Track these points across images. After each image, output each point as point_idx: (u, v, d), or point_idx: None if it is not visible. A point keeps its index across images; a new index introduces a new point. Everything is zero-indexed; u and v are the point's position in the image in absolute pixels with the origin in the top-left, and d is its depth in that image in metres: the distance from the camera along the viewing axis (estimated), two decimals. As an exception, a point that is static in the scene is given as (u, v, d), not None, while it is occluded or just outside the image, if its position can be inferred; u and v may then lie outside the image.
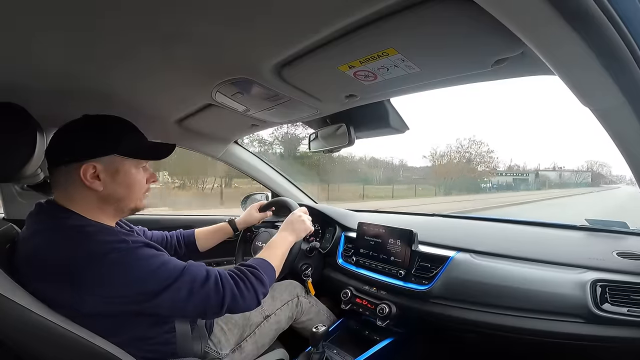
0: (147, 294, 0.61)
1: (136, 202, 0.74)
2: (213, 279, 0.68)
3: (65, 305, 0.59)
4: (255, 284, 0.72)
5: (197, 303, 0.65)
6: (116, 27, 0.56)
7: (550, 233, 1.17)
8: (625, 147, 0.62)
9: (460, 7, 0.48)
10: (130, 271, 0.61)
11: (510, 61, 0.61)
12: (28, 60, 0.66)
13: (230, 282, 0.69)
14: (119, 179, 0.69)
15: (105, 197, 0.69)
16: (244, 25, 0.56)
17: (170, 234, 1.10)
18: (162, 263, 0.64)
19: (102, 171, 0.67)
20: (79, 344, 0.59)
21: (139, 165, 0.73)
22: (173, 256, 1.04)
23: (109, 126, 0.70)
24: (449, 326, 0.98)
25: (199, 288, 0.65)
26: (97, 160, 0.66)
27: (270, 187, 1.62)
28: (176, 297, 0.63)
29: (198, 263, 0.71)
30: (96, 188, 0.66)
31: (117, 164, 0.69)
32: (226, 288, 0.68)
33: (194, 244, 1.11)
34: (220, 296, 0.67)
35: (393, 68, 0.67)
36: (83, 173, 0.65)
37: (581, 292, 0.80)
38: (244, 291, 0.70)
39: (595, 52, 0.43)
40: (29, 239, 0.64)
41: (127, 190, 0.71)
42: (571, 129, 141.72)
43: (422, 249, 1.09)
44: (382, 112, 1.08)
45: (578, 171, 57.51)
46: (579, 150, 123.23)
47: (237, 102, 0.92)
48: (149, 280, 0.62)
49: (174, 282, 0.63)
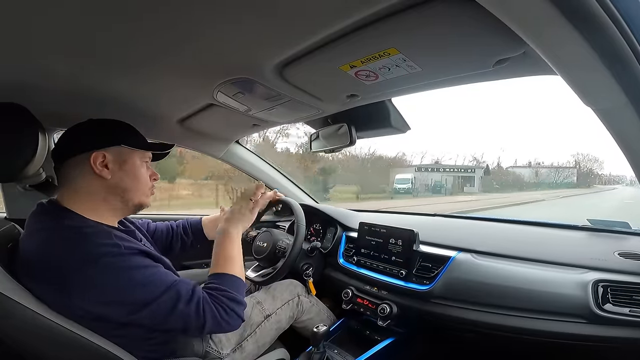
0: (132, 304, 0.62)
1: (141, 197, 0.76)
2: (195, 302, 0.67)
3: (58, 307, 0.60)
4: (233, 306, 0.71)
5: (177, 320, 0.66)
6: (118, 28, 0.56)
7: (551, 233, 1.17)
8: (627, 147, 0.62)
9: (461, 6, 0.47)
10: (120, 279, 0.62)
11: (512, 61, 0.60)
12: (30, 60, 0.67)
13: (213, 308, 0.69)
14: (126, 167, 0.73)
15: (112, 187, 0.72)
16: (246, 25, 0.56)
17: (176, 223, 1.11)
18: (151, 274, 0.65)
19: (111, 160, 0.71)
20: (80, 343, 0.59)
21: (143, 160, 0.77)
22: (180, 244, 1.06)
23: (113, 125, 0.75)
24: (450, 326, 0.98)
25: (183, 306, 0.65)
26: (106, 150, 0.71)
27: (271, 187, 1.63)
28: (158, 310, 0.64)
29: (187, 281, 0.70)
30: (105, 176, 0.70)
31: (124, 154, 0.74)
32: (207, 313, 0.68)
33: (201, 231, 1.11)
34: (201, 321, 0.67)
35: (394, 68, 0.67)
36: (93, 160, 0.69)
37: (583, 293, 0.79)
38: (224, 317, 0.70)
39: (597, 52, 0.43)
40: (28, 239, 0.65)
41: (133, 181, 0.74)
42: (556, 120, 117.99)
43: (423, 249, 1.09)
44: (384, 112, 1.08)
45: (560, 167, 42.56)
46: (566, 144, 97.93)
47: (239, 102, 0.92)
48: (136, 290, 0.62)
49: (159, 297, 0.64)
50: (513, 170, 40.95)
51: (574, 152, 71.83)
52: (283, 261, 1.11)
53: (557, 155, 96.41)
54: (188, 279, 0.72)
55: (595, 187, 42.03)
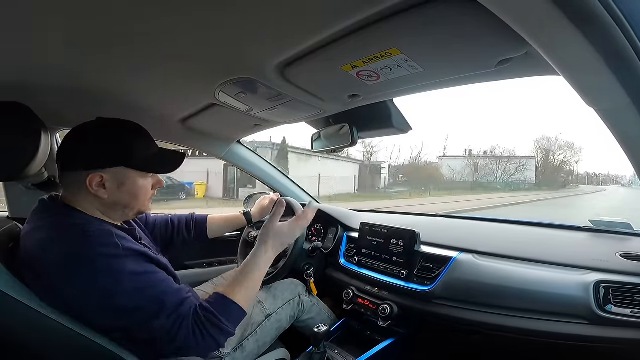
0: (116, 311, 0.61)
1: (140, 207, 0.74)
2: (174, 317, 0.64)
3: (58, 305, 0.60)
4: (213, 333, 0.66)
5: (149, 330, 0.63)
6: (121, 28, 0.56)
7: (553, 234, 1.16)
8: (630, 147, 0.62)
9: (464, 7, 0.47)
10: (110, 282, 0.60)
11: (514, 61, 0.60)
12: (33, 60, 0.67)
13: (190, 329, 0.64)
14: (124, 189, 0.69)
15: (109, 204, 0.69)
16: (248, 25, 0.56)
17: (179, 217, 1.09)
18: (143, 281, 0.63)
19: (109, 180, 0.67)
20: (82, 342, 0.59)
21: (147, 175, 0.73)
22: (181, 241, 1.04)
23: (121, 135, 0.69)
24: (451, 327, 0.98)
25: (161, 320, 0.62)
26: (104, 171, 0.66)
27: (273, 187, 1.63)
28: (138, 319, 0.62)
29: (179, 294, 0.67)
30: (101, 196, 0.67)
31: (124, 175, 0.68)
32: (182, 330, 0.63)
33: (204, 231, 1.10)
34: (171, 336, 0.63)
35: (396, 68, 0.67)
36: (89, 182, 0.65)
37: (584, 294, 0.79)
38: (199, 340, 0.65)
39: (600, 53, 0.43)
40: (28, 236, 0.65)
41: (132, 199, 0.71)
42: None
43: (424, 250, 1.09)
44: (385, 112, 1.08)
45: (513, 157, 26.83)
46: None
47: (240, 102, 0.92)
48: (122, 297, 0.61)
49: (142, 307, 0.62)
50: (438, 163, 27.43)
51: (540, 136, 43.23)
52: (284, 261, 1.11)
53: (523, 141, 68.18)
54: (183, 288, 0.70)
55: (571, 190, 28.01)
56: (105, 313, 0.61)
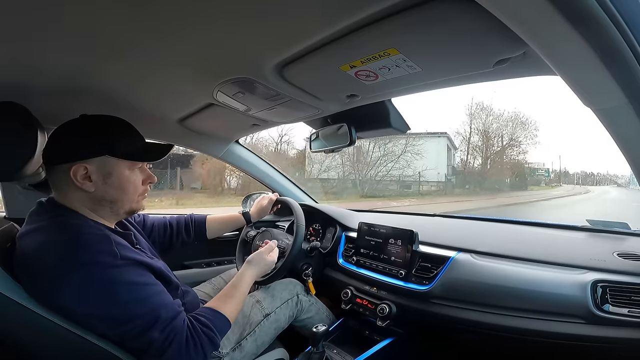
0: (109, 321, 0.61)
1: (131, 204, 0.73)
2: (167, 331, 0.64)
3: (53, 307, 0.59)
4: (205, 346, 0.68)
5: (141, 343, 0.63)
6: (118, 28, 0.56)
7: (551, 233, 1.17)
8: (627, 147, 0.62)
9: (462, 7, 0.47)
10: (106, 291, 0.60)
11: (512, 61, 0.60)
12: (30, 60, 0.67)
13: (183, 340, 0.65)
14: (111, 181, 0.68)
15: (97, 199, 0.68)
16: (246, 25, 0.56)
17: (177, 219, 1.09)
18: (138, 292, 0.63)
19: (94, 172, 0.66)
20: (80, 342, 0.59)
21: (134, 167, 0.72)
22: (181, 242, 1.05)
23: (103, 127, 0.69)
24: (449, 326, 0.98)
25: (153, 333, 0.62)
26: (88, 162, 0.65)
27: (271, 187, 1.62)
28: (130, 331, 0.62)
29: (172, 306, 0.67)
30: (87, 189, 0.66)
31: (109, 165, 0.67)
32: (173, 343, 0.64)
33: (203, 232, 1.11)
34: (164, 348, 0.63)
35: (394, 68, 0.67)
36: (73, 174, 0.64)
37: (582, 293, 0.79)
38: (191, 352, 0.66)
39: (597, 52, 0.43)
40: (25, 237, 0.64)
41: (120, 193, 0.70)
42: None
43: (422, 249, 1.09)
44: (384, 112, 1.08)
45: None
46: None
47: (238, 102, 0.92)
48: (116, 308, 0.61)
49: (135, 319, 0.62)
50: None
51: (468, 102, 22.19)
52: (282, 261, 1.11)
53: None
54: (178, 303, 0.70)
55: (532, 191, 18.97)
56: (97, 320, 0.61)
